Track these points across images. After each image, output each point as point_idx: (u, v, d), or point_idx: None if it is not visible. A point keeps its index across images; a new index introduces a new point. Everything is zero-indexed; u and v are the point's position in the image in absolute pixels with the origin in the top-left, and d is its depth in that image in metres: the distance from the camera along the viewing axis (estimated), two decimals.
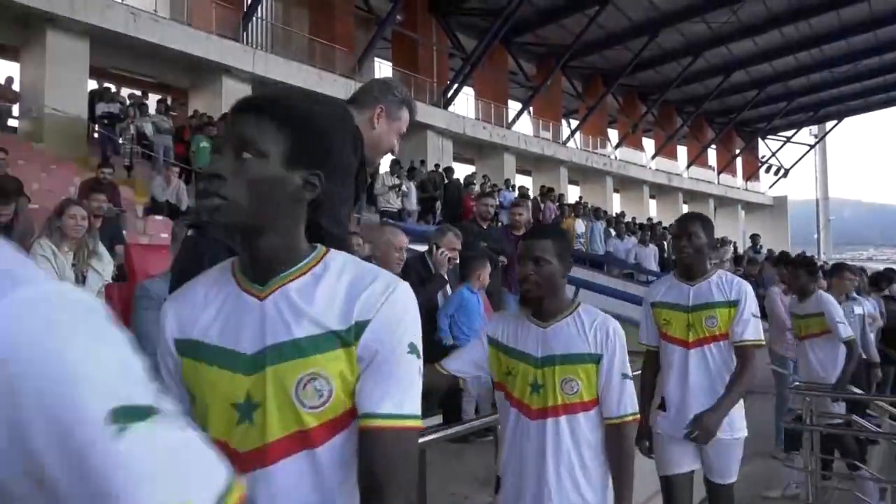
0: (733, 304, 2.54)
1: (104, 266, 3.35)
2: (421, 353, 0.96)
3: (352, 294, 0.93)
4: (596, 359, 1.81)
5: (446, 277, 3.95)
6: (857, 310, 5.17)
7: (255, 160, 0.92)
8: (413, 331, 0.95)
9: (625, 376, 1.81)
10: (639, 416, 1.86)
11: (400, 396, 0.91)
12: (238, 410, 0.93)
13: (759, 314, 2.57)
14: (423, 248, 5.88)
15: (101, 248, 3.42)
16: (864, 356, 5.21)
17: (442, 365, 1.99)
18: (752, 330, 2.54)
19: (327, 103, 1.04)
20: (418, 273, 3.77)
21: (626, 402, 1.81)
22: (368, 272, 0.96)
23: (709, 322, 2.55)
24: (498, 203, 14.12)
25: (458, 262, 4.21)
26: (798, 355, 4.64)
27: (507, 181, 17.40)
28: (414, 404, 0.93)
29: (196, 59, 14.41)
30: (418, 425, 0.93)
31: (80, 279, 3.27)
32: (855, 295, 5.44)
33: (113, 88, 13.30)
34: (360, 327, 0.91)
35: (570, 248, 1.93)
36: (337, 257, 0.98)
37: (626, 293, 9.37)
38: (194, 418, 0.96)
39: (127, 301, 2.75)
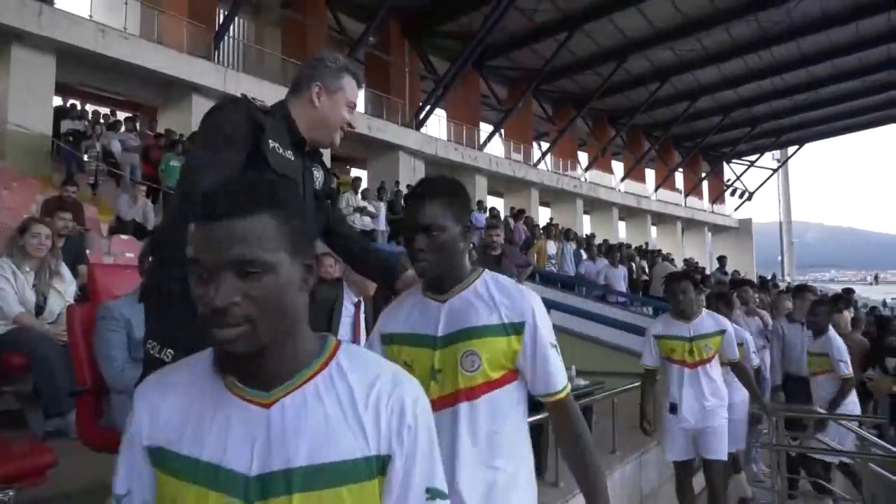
0: (516, 330, 1.47)
1: (66, 286, 3.26)
2: None
3: None
4: None
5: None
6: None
7: None
8: None
9: None
10: None
11: None
12: None
13: (556, 343, 1.52)
14: None
15: (64, 269, 3.32)
16: None
17: None
18: (562, 372, 1.51)
19: None
20: (385, 295, 3.78)
21: None
22: None
23: (466, 361, 1.46)
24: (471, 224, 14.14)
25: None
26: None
27: (479, 203, 17.48)
28: None
29: (166, 77, 14.28)
30: None
31: (42, 300, 3.18)
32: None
33: (79, 105, 13.10)
34: None
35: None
36: None
37: (599, 315, 9.43)
38: None
39: (89, 322, 2.68)
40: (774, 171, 37.77)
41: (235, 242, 0.81)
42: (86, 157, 11.54)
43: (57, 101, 13.26)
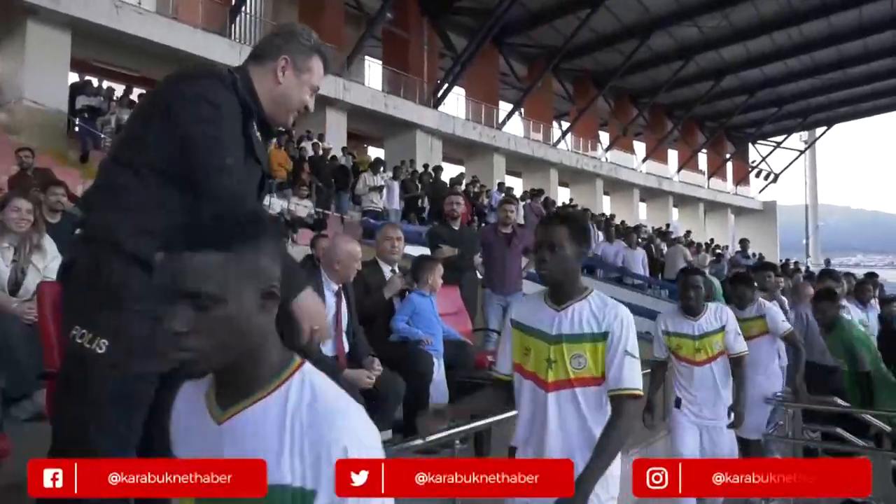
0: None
1: (48, 262, 3.12)
2: None
3: None
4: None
5: (403, 280, 3.78)
6: (846, 316, 5.05)
7: None
8: None
9: None
10: None
11: None
12: None
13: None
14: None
15: (46, 243, 3.18)
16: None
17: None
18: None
19: None
20: (365, 286, 3.60)
21: None
22: None
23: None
24: (488, 203, 14.06)
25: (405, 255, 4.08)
26: None
27: (500, 184, 17.22)
28: None
29: (181, 53, 14.17)
30: None
31: (21, 275, 3.06)
32: (844, 302, 5.32)
33: (95, 81, 13.07)
34: None
35: None
36: None
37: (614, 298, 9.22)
38: None
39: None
40: (802, 152, 36.86)
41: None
42: (101, 134, 11.53)
43: (72, 77, 13.24)
